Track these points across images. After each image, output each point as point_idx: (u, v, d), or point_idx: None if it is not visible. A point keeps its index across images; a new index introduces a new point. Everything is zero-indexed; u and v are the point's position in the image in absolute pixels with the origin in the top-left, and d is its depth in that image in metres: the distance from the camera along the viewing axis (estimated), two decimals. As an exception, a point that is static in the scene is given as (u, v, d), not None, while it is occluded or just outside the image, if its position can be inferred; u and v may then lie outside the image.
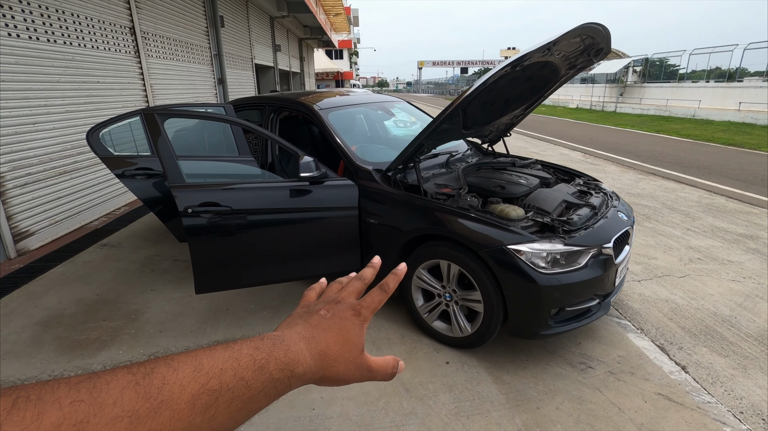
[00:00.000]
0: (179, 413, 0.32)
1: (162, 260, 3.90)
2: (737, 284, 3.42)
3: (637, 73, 25.74)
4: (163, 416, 0.31)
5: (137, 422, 0.29)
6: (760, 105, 16.43)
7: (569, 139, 12.23)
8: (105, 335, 2.75)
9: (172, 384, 0.33)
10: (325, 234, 2.73)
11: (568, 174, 3.41)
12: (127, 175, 3.21)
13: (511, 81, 2.58)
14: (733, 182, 6.86)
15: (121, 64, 5.64)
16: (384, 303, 0.51)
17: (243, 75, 11.20)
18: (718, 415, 2.05)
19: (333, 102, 3.50)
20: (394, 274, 0.54)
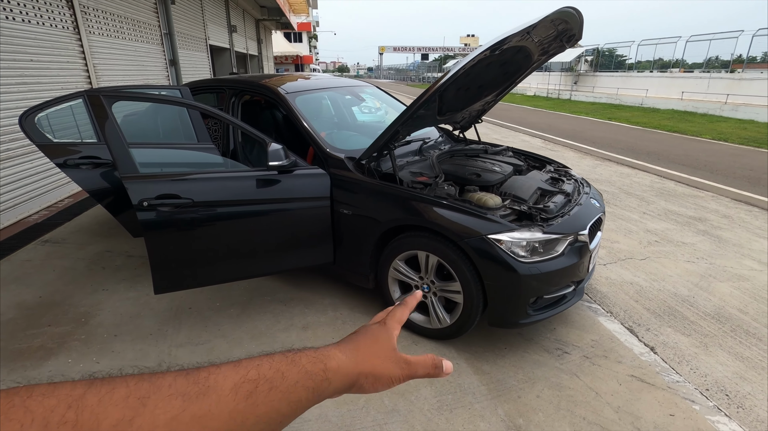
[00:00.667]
0: (224, 397, 0.36)
1: (114, 256, 3.60)
2: (692, 265, 3.60)
3: (588, 63, 26.76)
4: (210, 398, 0.35)
5: (188, 401, 0.34)
6: (699, 95, 17.56)
7: (529, 126, 12.53)
8: (50, 342, 2.49)
9: (216, 374, 0.37)
10: (295, 227, 2.58)
11: (538, 161, 3.42)
12: (71, 165, 2.89)
13: (487, 66, 2.51)
14: (680, 167, 7.27)
15: (58, 41, 5.09)
16: (358, 307, 0.54)
17: (197, 56, 10.54)
18: (686, 394, 2.13)
19: (300, 85, 3.31)
20: (413, 295, 0.62)
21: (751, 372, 2.32)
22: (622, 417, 1.99)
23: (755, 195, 5.57)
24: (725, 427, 1.94)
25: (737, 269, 3.51)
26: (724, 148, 9.29)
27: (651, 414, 2.00)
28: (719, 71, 18.56)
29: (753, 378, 2.27)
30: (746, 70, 17.39)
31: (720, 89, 16.90)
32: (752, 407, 2.08)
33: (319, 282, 3.16)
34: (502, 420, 1.96)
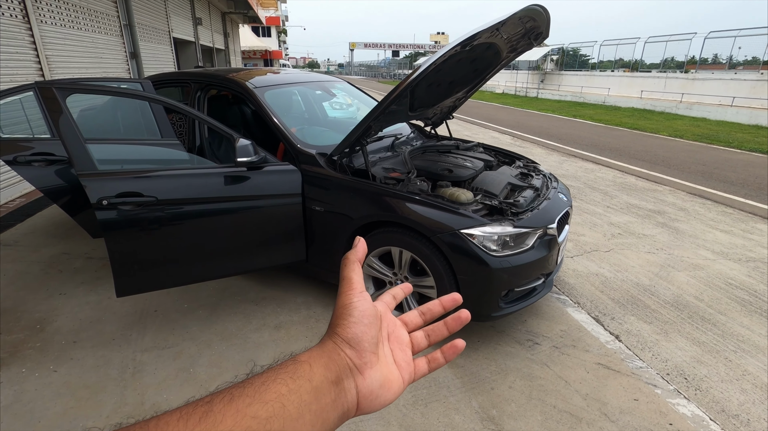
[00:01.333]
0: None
1: (72, 259, 3.41)
2: (652, 256, 3.76)
3: (554, 62, 27.53)
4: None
5: None
6: (657, 93, 18.40)
7: (498, 123, 12.76)
8: (2, 352, 2.33)
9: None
10: (266, 225, 2.52)
11: (508, 156, 3.49)
12: (21, 162, 2.71)
13: (457, 62, 2.53)
14: (640, 162, 7.59)
15: (6, 30, 4.76)
16: (332, 304, 0.48)
17: (160, 49, 10.13)
18: (649, 379, 2.23)
19: (269, 80, 3.23)
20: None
21: (707, 355, 2.45)
22: (590, 403, 2.05)
23: (708, 188, 5.88)
24: (684, 409, 2.04)
25: (693, 259, 3.70)
26: (680, 144, 9.77)
27: (617, 400, 2.08)
28: (675, 71, 19.49)
29: (709, 362, 2.39)
30: (699, 71, 18.34)
31: (675, 88, 17.76)
32: (708, 389, 2.19)
33: (291, 280, 3.10)
34: (476, 412, 1.99)
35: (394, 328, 0.46)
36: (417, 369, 0.45)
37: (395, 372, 0.42)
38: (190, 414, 0.30)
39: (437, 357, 0.46)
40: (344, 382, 0.38)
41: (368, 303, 0.42)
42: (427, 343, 0.48)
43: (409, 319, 0.49)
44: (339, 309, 0.42)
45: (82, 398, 2.03)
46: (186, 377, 2.18)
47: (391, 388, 0.41)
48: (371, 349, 0.40)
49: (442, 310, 0.50)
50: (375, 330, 0.42)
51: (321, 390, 0.36)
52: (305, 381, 0.35)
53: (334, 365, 0.38)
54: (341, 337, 0.40)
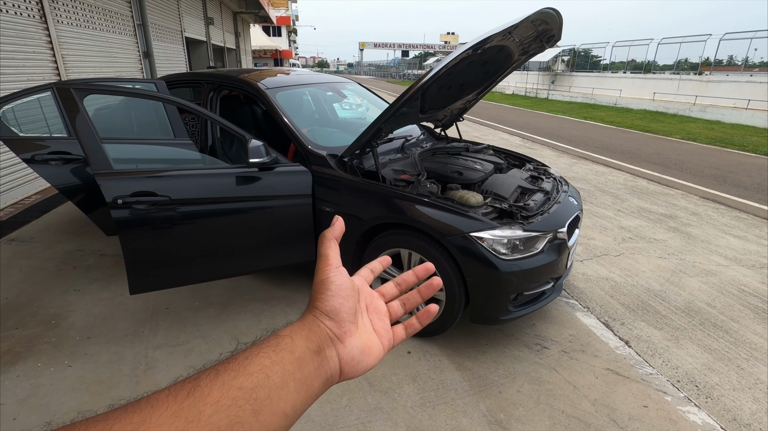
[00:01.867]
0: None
1: (86, 256, 3.47)
2: (663, 260, 3.73)
3: (565, 63, 27.32)
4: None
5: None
6: (670, 95, 18.17)
7: (508, 124, 12.70)
8: (18, 346, 2.38)
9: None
10: (277, 225, 2.54)
11: (518, 159, 3.48)
12: (39, 160, 2.77)
13: (469, 65, 2.52)
14: (652, 166, 7.51)
15: (24, 30, 4.86)
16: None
17: (172, 49, 10.24)
18: (659, 386, 2.21)
19: (280, 81, 3.25)
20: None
21: (718, 363, 2.42)
22: (599, 409, 2.04)
23: (722, 193, 5.80)
24: (695, 417, 2.02)
25: (705, 264, 3.66)
26: (693, 147, 9.64)
27: (626, 406, 2.06)
28: (688, 73, 19.23)
29: (720, 369, 2.37)
30: (713, 73, 18.08)
31: (689, 90, 17.52)
32: (719, 397, 2.17)
33: (300, 280, 3.13)
34: (483, 416, 1.99)
35: (371, 299, 0.49)
36: (395, 335, 0.48)
37: (375, 340, 0.45)
38: (178, 391, 0.32)
39: (413, 323, 0.49)
40: (326, 351, 0.40)
41: (344, 277, 0.45)
42: (403, 311, 0.51)
43: (386, 290, 0.52)
44: (317, 285, 0.44)
45: (96, 393, 2.07)
46: (196, 374, 2.21)
47: (372, 354, 0.44)
48: (350, 319, 0.43)
49: (416, 280, 0.53)
50: (352, 301, 0.44)
51: (303, 360, 0.38)
52: (287, 353, 0.37)
53: (315, 336, 0.40)
54: (320, 310, 0.42)
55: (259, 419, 0.33)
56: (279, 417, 0.35)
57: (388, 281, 0.54)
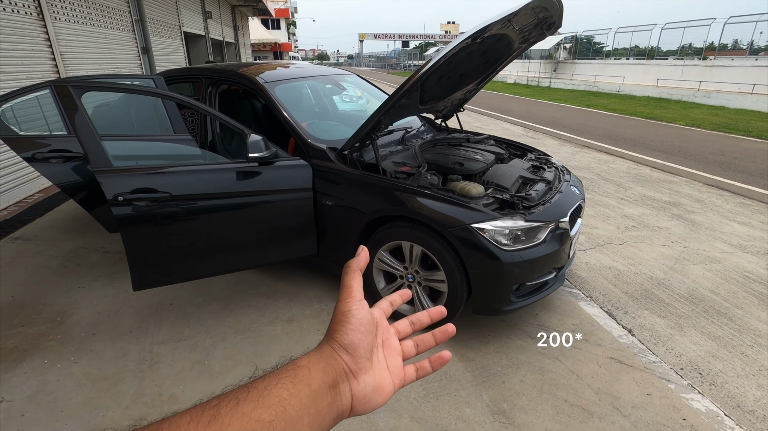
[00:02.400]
0: None
1: (89, 253, 3.49)
2: (667, 248, 3.71)
3: (567, 50, 27.02)
4: None
5: None
6: (674, 81, 17.96)
7: (509, 114, 12.62)
8: (24, 343, 2.41)
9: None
10: (278, 219, 2.54)
11: (519, 149, 3.45)
12: (39, 159, 2.77)
13: (468, 54, 2.50)
14: (655, 153, 7.45)
15: (21, 27, 4.84)
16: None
17: (171, 44, 10.19)
18: (663, 373, 2.21)
19: (279, 74, 3.23)
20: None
21: (722, 350, 2.41)
22: (602, 398, 2.05)
23: (726, 179, 5.76)
24: (698, 404, 2.02)
25: (709, 252, 3.64)
26: (697, 133, 9.55)
27: (629, 395, 2.07)
28: (692, 58, 18.98)
29: (724, 357, 2.36)
30: (718, 57, 17.83)
31: (693, 76, 17.32)
32: (723, 384, 2.17)
33: (302, 274, 3.13)
34: (487, 406, 2.00)
35: (387, 336, 0.49)
36: (406, 375, 0.48)
37: (387, 378, 0.45)
38: (199, 417, 0.32)
39: (425, 366, 0.49)
40: (340, 386, 0.41)
41: (366, 311, 0.45)
42: (416, 352, 0.51)
43: (400, 328, 0.51)
44: (338, 316, 0.44)
45: (102, 389, 2.09)
46: (201, 369, 2.23)
47: (383, 392, 0.44)
48: (366, 355, 0.43)
49: (430, 321, 0.53)
50: (371, 337, 0.44)
51: (319, 394, 0.38)
52: (305, 386, 0.38)
53: (332, 370, 0.40)
54: (339, 343, 0.42)
55: None
56: None
57: (401, 319, 0.53)
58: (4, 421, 1.90)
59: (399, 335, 0.51)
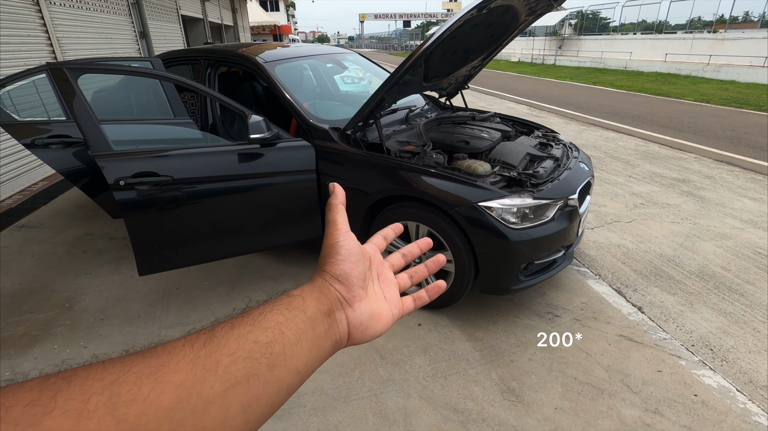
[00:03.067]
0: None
1: (95, 239, 3.49)
2: (677, 225, 3.65)
3: (572, 26, 26.38)
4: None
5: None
6: (683, 56, 17.53)
7: (514, 93, 12.39)
8: (34, 329, 2.42)
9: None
10: (282, 202, 2.51)
11: (526, 126, 3.38)
12: (39, 145, 2.74)
13: (473, 28, 2.41)
14: (664, 130, 7.30)
15: (16, 12, 4.75)
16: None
17: (169, 28, 10.03)
18: (673, 350, 2.19)
19: (279, 54, 3.16)
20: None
21: (734, 326, 2.39)
22: (612, 375, 2.03)
23: (737, 155, 5.64)
24: (710, 380, 2.01)
25: (720, 228, 3.58)
26: (707, 109, 9.34)
27: (639, 371, 2.05)
28: (702, 32, 18.46)
29: (736, 333, 2.34)
30: (729, 30, 17.32)
31: (703, 50, 16.86)
32: (735, 360, 2.15)
33: (308, 256, 3.12)
34: (495, 384, 1.99)
35: (382, 269, 0.49)
36: (404, 305, 0.49)
37: (385, 307, 0.46)
38: (194, 340, 0.32)
39: (422, 295, 0.50)
40: (335, 314, 0.41)
41: (354, 242, 0.45)
42: (411, 284, 0.52)
43: (394, 261, 0.52)
44: (326, 249, 0.44)
45: (112, 373, 2.10)
46: (210, 352, 2.23)
47: (381, 320, 0.44)
48: (359, 284, 0.43)
49: (419, 251, 0.54)
50: (362, 266, 0.44)
51: (315, 320, 0.38)
52: (300, 312, 0.38)
53: (326, 298, 0.41)
54: (330, 274, 0.42)
55: (274, 373, 0.33)
56: (292, 373, 0.35)
57: (393, 252, 0.53)
58: (17, 405, 1.92)
59: (393, 268, 0.51)
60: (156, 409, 0.27)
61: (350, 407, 1.89)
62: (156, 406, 0.27)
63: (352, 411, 1.87)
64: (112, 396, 0.26)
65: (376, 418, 1.83)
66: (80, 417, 0.24)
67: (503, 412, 1.85)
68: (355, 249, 0.44)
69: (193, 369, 0.30)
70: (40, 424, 0.23)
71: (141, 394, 0.27)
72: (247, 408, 0.31)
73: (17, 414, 0.23)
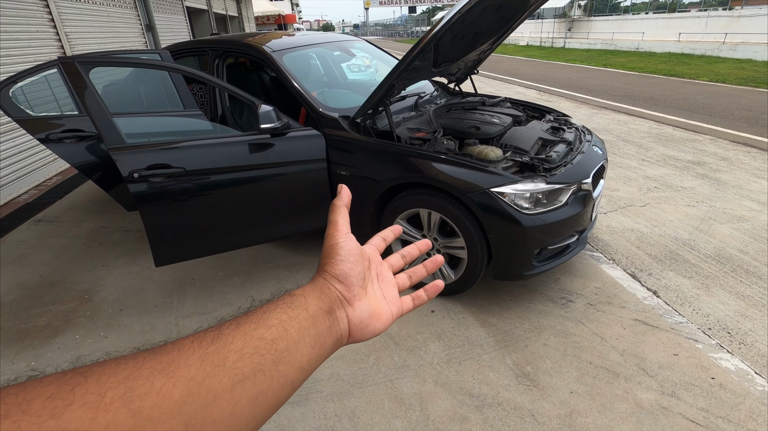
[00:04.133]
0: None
1: (110, 232, 3.54)
2: (692, 209, 3.59)
3: (582, 8, 25.76)
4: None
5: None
6: (697, 35, 17.05)
7: (523, 77, 12.20)
8: (56, 320, 2.48)
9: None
10: (293, 191, 2.52)
11: (537, 110, 3.33)
12: (53, 140, 2.77)
13: (483, 10, 2.36)
14: (678, 111, 7.15)
15: (25, 9, 4.78)
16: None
17: (174, 20, 10.01)
18: (689, 334, 2.18)
19: (286, 43, 3.14)
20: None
21: (752, 309, 2.36)
22: (628, 359, 2.03)
23: (754, 136, 5.51)
24: (728, 363, 1.99)
25: (737, 210, 3.52)
26: (722, 89, 9.11)
27: (655, 355, 2.04)
28: (716, 9, 17.91)
29: (754, 316, 2.31)
30: (745, 7, 16.77)
31: (718, 28, 16.39)
32: (753, 343, 2.13)
33: (320, 245, 3.11)
34: (510, 369, 2.00)
35: (381, 269, 0.50)
36: (403, 305, 0.50)
37: (385, 306, 0.46)
38: (202, 338, 0.33)
39: (421, 295, 0.51)
40: (336, 312, 0.42)
41: (353, 242, 0.46)
42: (410, 283, 0.52)
43: (393, 261, 0.53)
44: (326, 250, 0.45)
45: (133, 361, 2.15)
46: (227, 340, 2.27)
47: (381, 319, 0.45)
48: (359, 283, 0.44)
49: (419, 253, 0.55)
50: (361, 266, 0.45)
51: (317, 318, 0.39)
52: (302, 310, 0.39)
53: (326, 297, 0.42)
54: (330, 274, 0.43)
55: (279, 369, 0.35)
56: (296, 369, 0.36)
57: (395, 252, 0.54)
58: (43, 393, 1.98)
59: (392, 269, 0.52)
60: (168, 402, 0.28)
61: (366, 392, 1.91)
62: (168, 400, 0.28)
63: (368, 396, 1.89)
64: (127, 390, 0.27)
65: (392, 403, 1.86)
66: (98, 409, 0.25)
67: (518, 396, 1.86)
68: (355, 250, 0.45)
69: (203, 365, 0.31)
70: (61, 416, 0.24)
71: (154, 388, 0.28)
72: (254, 401, 0.33)
73: (38, 406, 0.24)
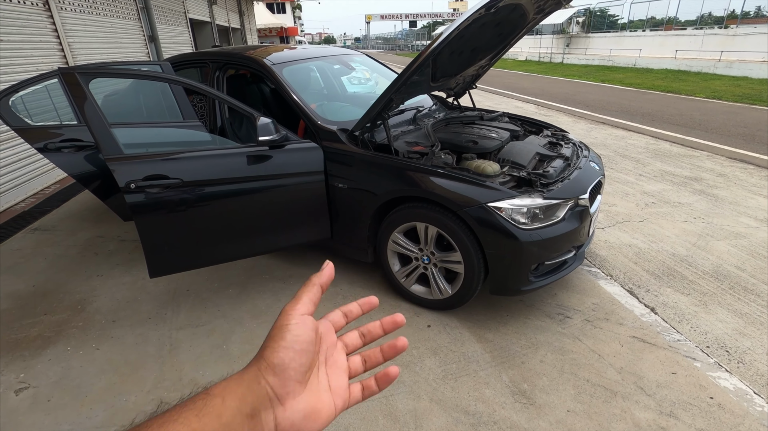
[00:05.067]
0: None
1: (106, 242, 3.52)
2: (689, 224, 3.60)
3: (580, 24, 26.14)
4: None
5: None
6: (693, 52, 17.28)
7: (521, 92, 12.31)
8: (48, 331, 2.45)
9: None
10: (290, 203, 2.52)
11: (535, 125, 3.35)
12: (52, 149, 2.78)
13: (481, 27, 2.40)
14: (675, 127, 7.20)
15: (28, 19, 4.83)
16: (358, 281, 0.43)
17: (177, 31, 10.12)
18: (688, 352, 2.16)
19: (286, 56, 3.16)
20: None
21: (750, 327, 2.34)
22: (625, 377, 2.01)
23: (750, 152, 5.54)
24: (726, 382, 1.97)
25: (734, 227, 3.52)
26: (719, 106, 9.20)
27: (653, 373, 2.02)
28: (712, 27, 18.18)
29: (752, 334, 2.29)
30: (740, 26, 17.03)
31: (714, 46, 16.61)
32: (752, 362, 2.11)
33: (316, 257, 3.12)
34: (506, 386, 1.97)
35: (332, 352, 0.44)
36: (351, 395, 0.43)
37: (327, 400, 0.40)
38: None
39: (371, 385, 0.44)
40: (262, 414, 0.36)
41: (306, 327, 0.40)
42: (364, 369, 0.46)
43: (349, 341, 0.47)
44: (273, 330, 0.39)
45: (125, 374, 2.12)
46: (220, 354, 2.24)
47: (318, 419, 0.39)
48: (297, 378, 0.38)
49: (382, 333, 0.48)
50: (306, 357, 0.39)
51: (231, 426, 0.34)
52: (213, 418, 0.33)
53: (252, 396, 0.36)
54: (267, 362, 0.37)
55: None
56: None
57: (354, 329, 0.48)
58: (32, 407, 1.94)
59: (347, 349, 0.46)
60: None
61: (360, 409, 1.88)
62: None
63: (362, 413, 1.86)
64: None
65: (386, 420, 1.83)
66: None
67: (515, 414, 1.83)
68: (304, 337, 0.39)
69: None
70: None
71: None
72: None
73: None
